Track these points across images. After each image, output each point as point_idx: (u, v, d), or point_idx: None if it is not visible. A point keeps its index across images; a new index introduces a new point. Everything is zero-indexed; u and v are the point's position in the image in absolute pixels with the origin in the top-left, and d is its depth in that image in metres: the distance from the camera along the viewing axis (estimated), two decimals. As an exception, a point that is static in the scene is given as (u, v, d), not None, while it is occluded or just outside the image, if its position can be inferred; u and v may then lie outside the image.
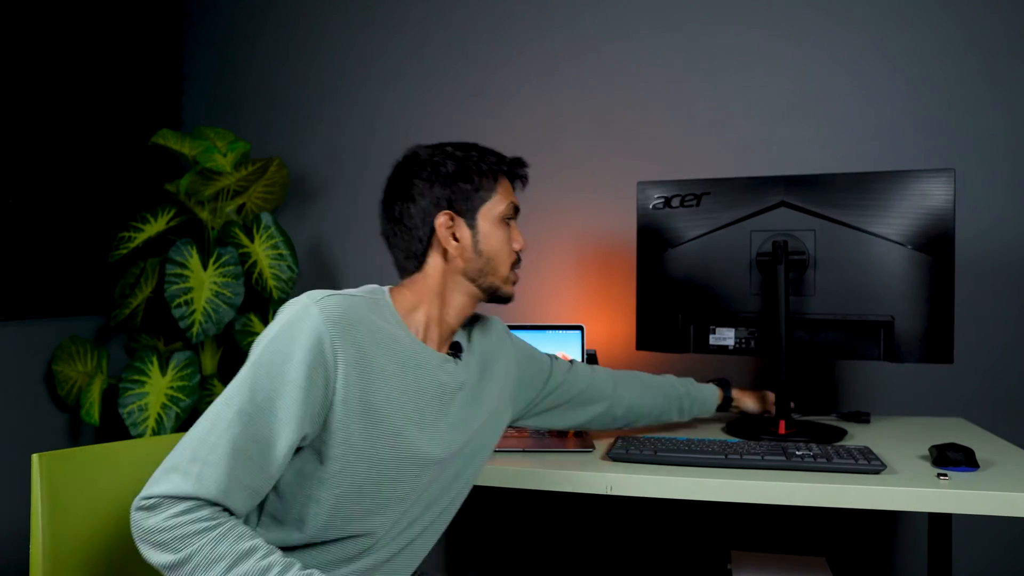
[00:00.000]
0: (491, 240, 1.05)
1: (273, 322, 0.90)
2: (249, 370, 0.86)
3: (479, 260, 1.04)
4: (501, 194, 1.06)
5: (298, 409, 0.85)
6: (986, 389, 1.77)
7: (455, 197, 1.03)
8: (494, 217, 1.05)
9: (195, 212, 2.04)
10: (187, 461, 0.81)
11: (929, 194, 1.34)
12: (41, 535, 1.04)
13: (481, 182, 1.05)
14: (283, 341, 0.86)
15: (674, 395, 1.41)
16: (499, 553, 2.07)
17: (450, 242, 1.03)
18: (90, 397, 1.90)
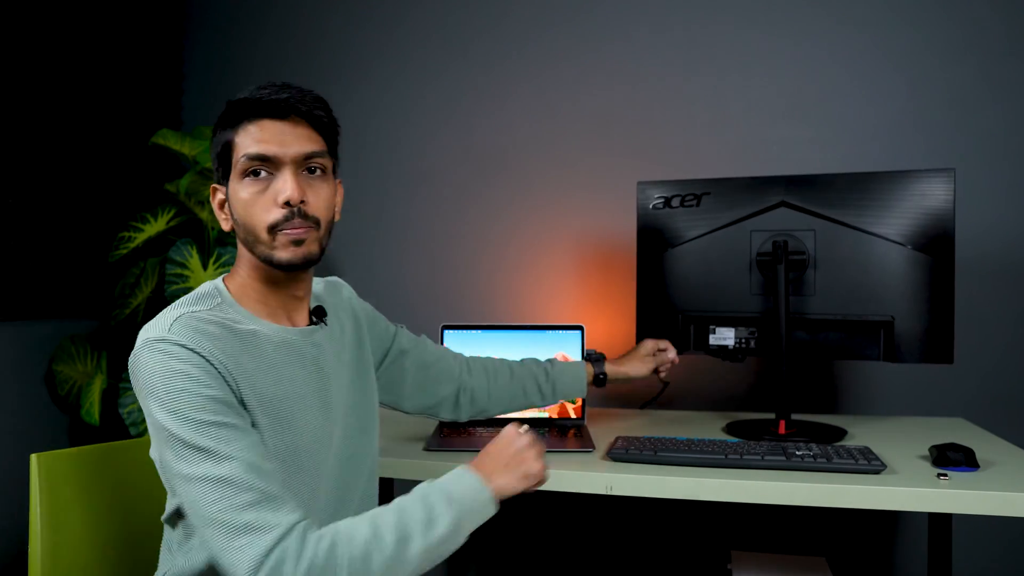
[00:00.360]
0: (235, 205, 0.91)
1: (136, 379, 0.83)
2: (172, 426, 0.80)
3: (240, 229, 0.92)
4: (240, 143, 0.89)
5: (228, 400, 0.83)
6: (986, 389, 1.77)
7: (215, 165, 0.93)
8: (237, 175, 0.90)
9: (195, 212, 2.04)
10: (232, 527, 0.76)
11: (929, 194, 1.34)
12: (41, 535, 1.04)
13: (224, 137, 0.91)
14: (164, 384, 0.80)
15: (530, 379, 1.32)
16: (499, 553, 2.07)
17: (219, 215, 0.94)
18: (90, 397, 1.90)
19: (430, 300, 2.11)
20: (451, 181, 2.13)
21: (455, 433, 1.44)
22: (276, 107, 0.89)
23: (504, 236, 2.08)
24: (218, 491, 0.77)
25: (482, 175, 2.10)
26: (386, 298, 2.14)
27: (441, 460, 1.27)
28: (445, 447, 1.34)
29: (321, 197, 0.92)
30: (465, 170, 2.12)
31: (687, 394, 1.94)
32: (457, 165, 2.12)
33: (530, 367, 1.35)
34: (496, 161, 2.09)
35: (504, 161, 2.08)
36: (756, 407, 1.83)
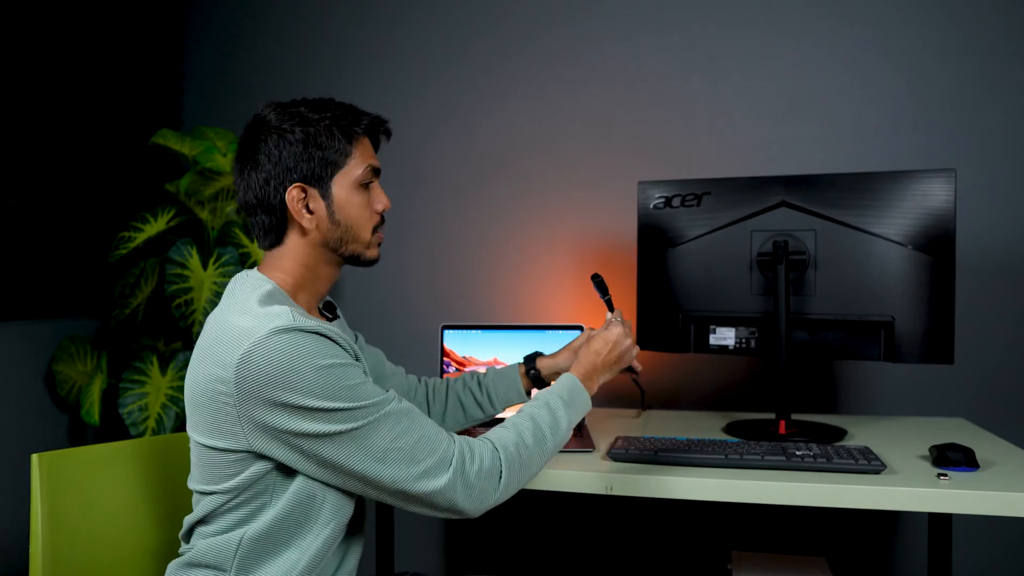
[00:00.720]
0: (348, 209, 1.00)
1: (263, 368, 0.85)
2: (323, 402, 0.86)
3: (337, 230, 1.00)
4: (358, 157, 1.00)
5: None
6: (986, 389, 1.77)
7: (305, 167, 0.97)
8: (350, 183, 0.99)
9: (195, 212, 2.04)
10: (417, 464, 0.90)
11: (930, 194, 1.34)
12: (41, 535, 1.04)
13: (334, 147, 0.98)
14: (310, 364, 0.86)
15: (465, 393, 1.30)
16: (499, 553, 2.07)
17: (303, 216, 0.98)
18: (90, 397, 1.90)
19: (430, 300, 2.11)
20: (451, 181, 2.13)
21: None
22: (385, 129, 1.06)
23: (504, 236, 2.08)
24: (385, 427, 0.89)
25: (482, 175, 2.10)
26: (386, 298, 2.14)
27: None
28: None
29: None
30: (465, 170, 2.12)
31: (687, 394, 1.94)
32: (457, 165, 2.12)
33: (464, 380, 1.32)
34: (496, 161, 2.09)
35: (504, 161, 2.08)
36: (756, 407, 1.83)
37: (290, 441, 0.88)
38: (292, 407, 0.86)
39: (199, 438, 0.93)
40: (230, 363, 0.86)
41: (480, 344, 1.63)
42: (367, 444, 0.88)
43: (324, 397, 0.86)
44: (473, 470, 0.93)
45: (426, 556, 2.12)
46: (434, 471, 0.90)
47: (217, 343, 0.90)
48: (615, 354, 1.16)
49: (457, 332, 1.63)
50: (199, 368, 0.92)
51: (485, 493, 0.94)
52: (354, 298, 2.20)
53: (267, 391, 0.85)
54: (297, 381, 0.85)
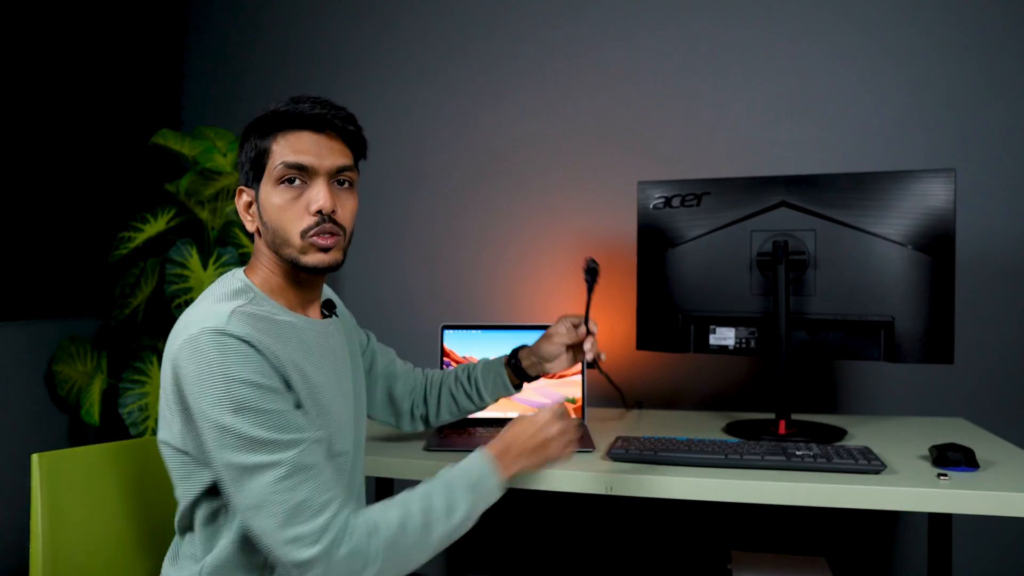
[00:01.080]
0: (268, 210, 0.94)
1: (188, 365, 0.83)
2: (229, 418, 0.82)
3: (268, 232, 0.95)
4: (276, 152, 0.93)
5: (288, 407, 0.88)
6: (986, 389, 1.77)
7: (244, 168, 0.96)
8: (271, 181, 0.93)
9: (195, 212, 2.04)
10: (290, 528, 0.82)
11: (929, 194, 1.34)
12: (41, 535, 1.04)
13: (255, 146, 0.94)
14: (224, 374, 0.82)
15: (457, 386, 1.29)
16: (499, 553, 2.07)
17: (245, 217, 0.97)
18: (90, 397, 1.90)
19: (430, 300, 2.11)
20: (451, 181, 2.13)
21: (455, 433, 1.45)
22: (315, 120, 0.95)
23: (504, 236, 2.08)
24: (273, 476, 0.82)
25: (482, 175, 2.10)
26: (386, 298, 2.14)
27: (441, 460, 1.27)
28: (445, 447, 1.34)
29: (348, 208, 0.99)
30: (465, 170, 2.12)
31: (687, 394, 1.94)
32: (457, 165, 2.12)
33: (456, 374, 1.31)
34: (496, 161, 2.09)
35: (504, 161, 2.08)
36: (756, 407, 1.83)
37: (206, 443, 0.85)
38: (203, 411, 0.83)
39: (162, 434, 0.94)
40: (169, 356, 0.87)
41: (480, 344, 1.63)
42: (252, 482, 0.82)
43: (229, 411, 0.82)
44: (342, 553, 0.83)
45: (426, 556, 2.12)
46: (302, 541, 0.81)
47: (171, 337, 0.90)
48: (536, 441, 1.00)
49: (457, 332, 1.63)
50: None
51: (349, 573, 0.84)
52: (354, 298, 2.20)
53: (189, 389, 0.84)
54: (210, 387, 0.82)
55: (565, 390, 1.62)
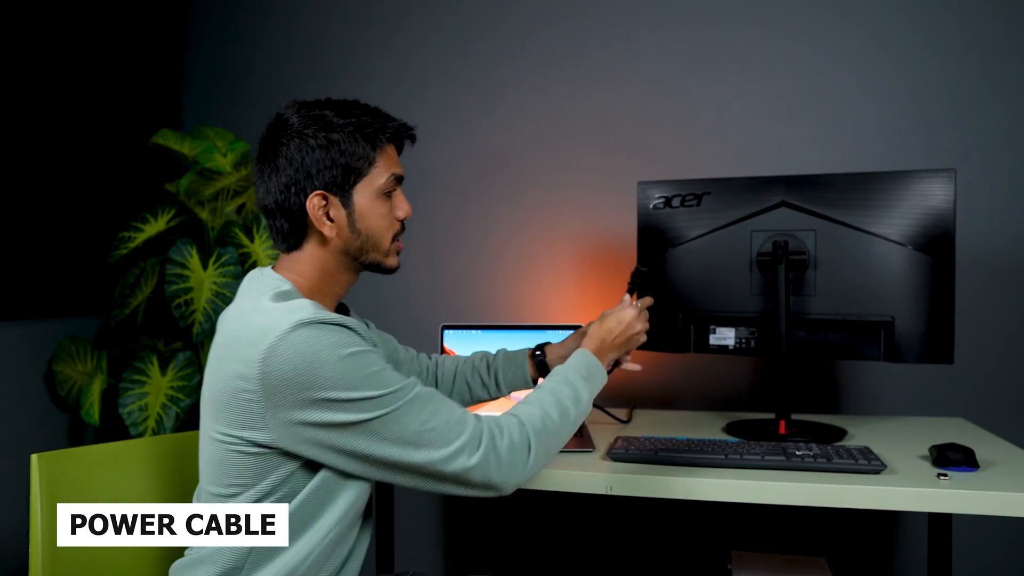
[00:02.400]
0: (369, 218, 0.98)
1: (289, 360, 0.84)
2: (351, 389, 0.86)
3: (358, 239, 0.98)
4: (382, 165, 0.98)
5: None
6: (986, 389, 1.77)
7: (327, 174, 0.95)
8: (372, 192, 0.98)
9: (195, 212, 2.04)
10: (450, 444, 0.90)
11: (930, 194, 1.34)
12: (41, 535, 1.04)
13: (357, 155, 0.96)
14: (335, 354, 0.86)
15: (473, 374, 1.31)
16: (499, 553, 2.07)
17: (324, 224, 0.96)
18: (90, 397, 1.90)
19: (430, 300, 2.11)
20: (451, 181, 2.12)
21: None
22: (410, 135, 1.07)
23: (504, 236, 2.08)
24: (414, 412, 0.89)
25: (482, 175, 2.10)
26: (386, 298, 2.14)
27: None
28: None
29: None
30: (465, 170, 2.12)
31: (687, 394, 1.94)
32: (457, 165, 2.12)
33: (474, 363, 1.32)
34: (496, 161, 2.09)
35: (504, 161, 2.08)
36: (756, 407, 1.83)
37: (319, 436, 0.87)
38: (320, 400, 0.85)
39: (223, 435, 0.91)
40: (253, 360, 0.85)
41: (480, 344, 1.63)
42: (398, 429, 0.88)
43: (351, 387, 0.86)
44: (504, 445, 0.93)
45: (426, 556, 2.12)
46: (466, 449, 0.90)
47: (236, 341, 0.89)
48: (625, 335, 1.16)
49: (457, 332, 1.63)
50: (221, 368, 0.90)
51: (516, 467, 0.94)
52: (354, 298, 2.20)
53: (294, 386, 0.85)
54: (323, 373, 0.85)
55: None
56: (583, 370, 1.08)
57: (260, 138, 1.00)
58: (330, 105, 0.98)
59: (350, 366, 0.86)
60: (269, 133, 0.98)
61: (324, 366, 0.85)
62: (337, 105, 0.98)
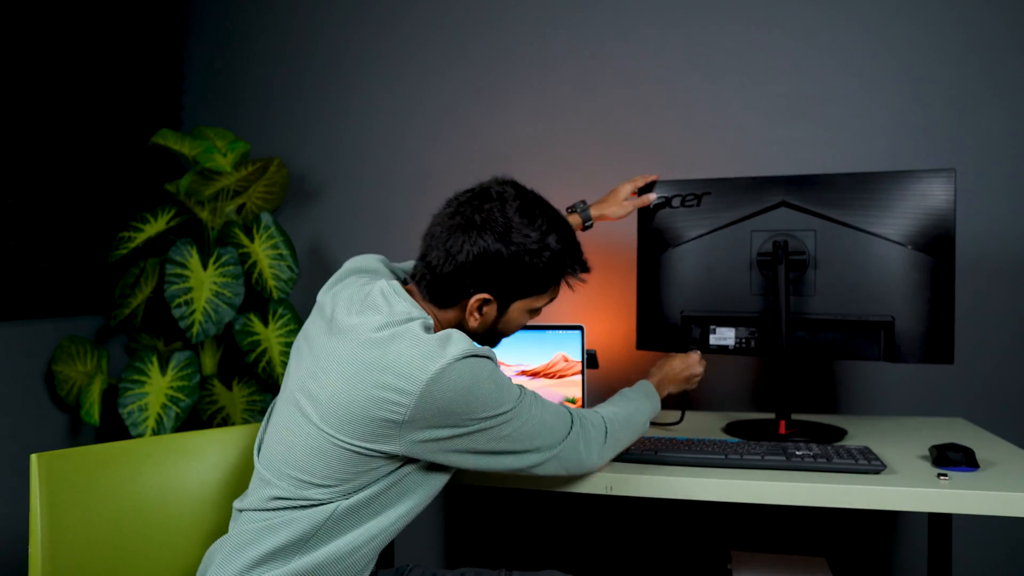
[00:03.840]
0: (511, 326, 1.08)
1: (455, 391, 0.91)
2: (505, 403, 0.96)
3: (487, 331, 1.07)
4: (552, 291, 1.07)
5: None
6: (986, 389, 1.77)
7: (505, 285, 1.01)
8: (527, 308, 1.06)
9: (195, 212, 2.04)
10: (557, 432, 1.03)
11: (930, 194, 1.34)
12: (41, 535, 1.03)
13: (540, 284, 1.04)
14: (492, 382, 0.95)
15: None
16: (499, 553, 2.07)
17: (473, 315, 1.03)
18: (90, 397, 1.90)
19: (430, 300, 2.11)
20: (451, 182, 2.11)
21: None
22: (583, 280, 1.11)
23: (504, 236, 2.07)
24: (535, 409, 1.00)
25: (482, 175, 2.09)
26: (386, 298, 2.14)
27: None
28: None
29: None
30: (465, 171, 2.12)
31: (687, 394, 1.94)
32: (457, 166, 2.12)
33: None
34: (496, 161, 2.09)
35: (505, 161, 2.08)
36: (756, 407, 1.83)
37: (452, 445, 0.95)
38: (466, 421, 0.93)
39: (346, 443, 0.93)
40: (410, 392, 0.89)
41: (480, 344, 1.63)
42: (519, 432, 0.98)
43: (494, 407, 0.94)
44: (591, 433, 1.07)
45: (426, 553, 2.12)
46: (565, 432, 1.04)
47: (386, 370, 0.91)
48: (685, 374, 1.36)
49: (457, 332, 1.63)
50: (358, 387, 0.92)
51: (597, 452, 1.08)
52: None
53: (445, 414, 0.91)
54: (475, 403, 0.92)
55: (565, 390, 1.62)
56: (643, 392, 1.25)
57: (466, 200, 1.02)
58: (547, 218, 1.02)
59: (494, 390, 0.94)
60: (480, 202, 1.01)
61: (478, 397, 0.92)
62: (553, 222, 1.02)
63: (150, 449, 1.20)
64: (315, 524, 0.95)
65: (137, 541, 1.15)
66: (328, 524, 0.95)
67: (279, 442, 0.99)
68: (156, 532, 1.18)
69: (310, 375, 0.97)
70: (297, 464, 0.96)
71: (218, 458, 1.24)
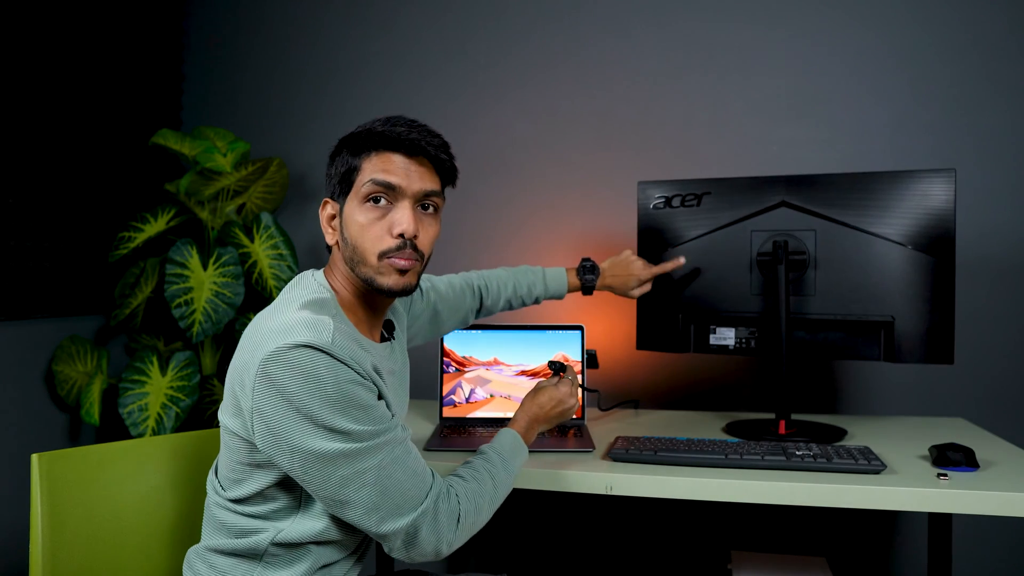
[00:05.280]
0: (351, 226, 0.95)
1: (282, 377, 0.82)
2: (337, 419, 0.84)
3: (347, 248, 0.96)
4: (366, 169, 0.94)
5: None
6: (986, 389, 1.77)
7: (332, 181, 0.98)
8: (358, 197, 0.94)
9: (195, 212, 2.04)
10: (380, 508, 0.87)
11: (930, 194, 1.34)
12: (41, 535, 1.04)
13: (345, 162, 0.96)
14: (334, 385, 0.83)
15: (515, 297, 1.47)
16: (499, 554, 2.07)
17: (327, 228, 0.98)
18: (90, 397, 1.90)
19: (430, 300, 2.11)
20: (451, 181, 2.12)
21: (455, 432, 1.45)
22: (408, 144, 0.96)
23: (504, 236, 2.08)
24: (395, 453, 0.88)
25: (482, 175, 2.10)
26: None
27: (442, 459, 1.27)
28: (446, 447, 1.35)
29: (430, 234, 1.00)
30: (464, 170, 2.10)
31: (687, 394, 1.94)
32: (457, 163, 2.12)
33: (514, 287, 1.47)
34: (496, 161, 2.09)
35: (504, 161, 2.08)
36: (756, 407, 1.83)
37: (290, 450, 0.85)
38: (304, 417, 0.83)
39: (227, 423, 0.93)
40: (255, 360, 0.84)
41: (480, 344, 1.63)
42: (359, 467, 0.85)
43: (336, 413, 0.83)
44: (444, 510, 0.92)
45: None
46: (410, 506, 0.89)
47: (254, 336, 0.88)
48: (557, 411, 1.19)
49: (457, 332, 1.63)
50: (237, 356, 0.91)
51: (445, 536, 0.92)
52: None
53: (284, 397, 0.82)
54: (315, 393, 0.82)
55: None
56: (507, 451, 1.08)
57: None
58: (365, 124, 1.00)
59: (341, 392, 0.83)
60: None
61: (318, 384, 0.82)
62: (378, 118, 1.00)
63: (150, 449, 1.20)
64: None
65: (137, 541, 1.15)
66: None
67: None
68: (156, 532, 1.18)
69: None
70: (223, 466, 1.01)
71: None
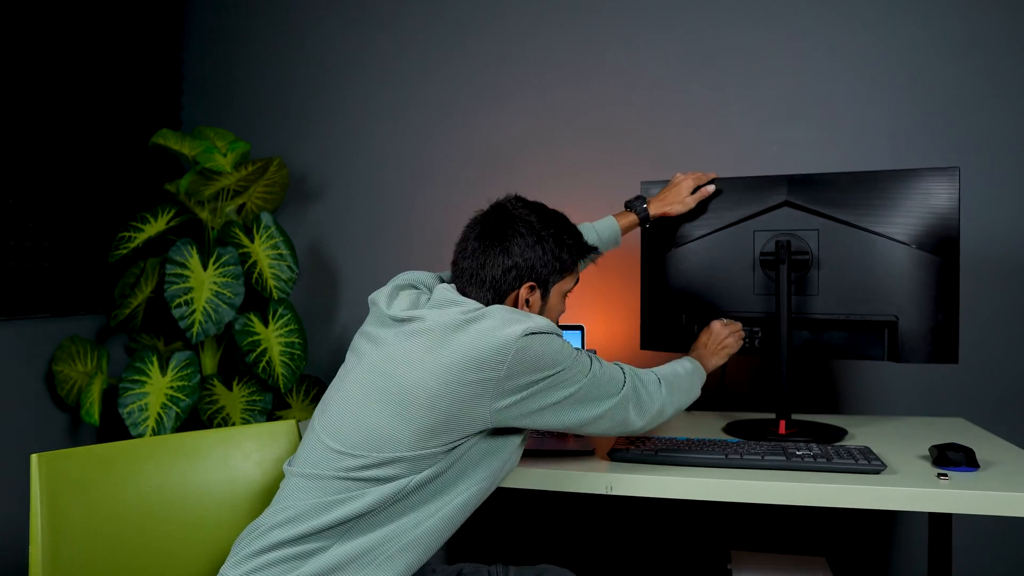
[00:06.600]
0: (553, 312, 1.18)
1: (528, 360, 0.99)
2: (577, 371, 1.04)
3: (536, 312, 1.15)
4: (574, 273, 1.18)
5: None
6: (986, 389, 1.77)
7: (544, 271, 1.12)
8: (562, 293, 1.17)
9: (195, 212, 2.04)
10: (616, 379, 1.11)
11: (933, 193, 1.34)
12: (41, 535, 1.03)
13: (568, 262, 1.15)
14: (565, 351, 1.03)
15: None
16: (499, 553, 2.07)
17: (523, 303, 1.13)
18: (90, 397, 1.90)
19: (430, 300, 2.11)
20: (451, 181, 2.12)
21: None
22: (595, 260, 1.27)
23: (504, 236, 2.07)
24: (609, 371, 1.11)
25: (482, 175, 2.10)
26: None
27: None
28: None
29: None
30: (465, 170, 2.12)
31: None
32: (457, 165, 2.12)
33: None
34: (496, 161, 2.09)
35: (504, 161, 2.08)
36: (756, 407, 1.83)
37: (533, 414, 1.02)
38: (552, 375, 1.01)
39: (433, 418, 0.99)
40: (498, 358, 0.97)
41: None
42: (593, 392, 1.06)
43: (571, 358, 1.04)
44: (644, 391, 1.14)
45: (426, 556, 2.11)
46: (619, 389, 1.10)
47: (472, 340, 0.98)
48: (713, 347, 1.38)
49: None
50: (443, 364, 0.98)
51: (652, 408, 1.14)
52: (355, 297, 2.20)
53: (537, 367, 0.99)
54: (558, 352, 1.02)
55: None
56: (696, 368, 1.31)
57: (484, 217, 1.17)
58: (545, 212, 1.16)
59: (565, 346, 1.04)
60: (499, 216, 1.15)
61: (557, 350, 1.02)
62: (552, 216, 1.16)
63: (150, 449, 1.20)
64: (385, 499, 0.98)
65: (137, 541, 1.15)
66: (398, 499, 0.99)
67: (356, 419, 1.03)
68: (156, 532, 1.18)
69: (388, 361, 1.03)
70: (376, 441, 1.00)
71: (218, 458, 1.24)
